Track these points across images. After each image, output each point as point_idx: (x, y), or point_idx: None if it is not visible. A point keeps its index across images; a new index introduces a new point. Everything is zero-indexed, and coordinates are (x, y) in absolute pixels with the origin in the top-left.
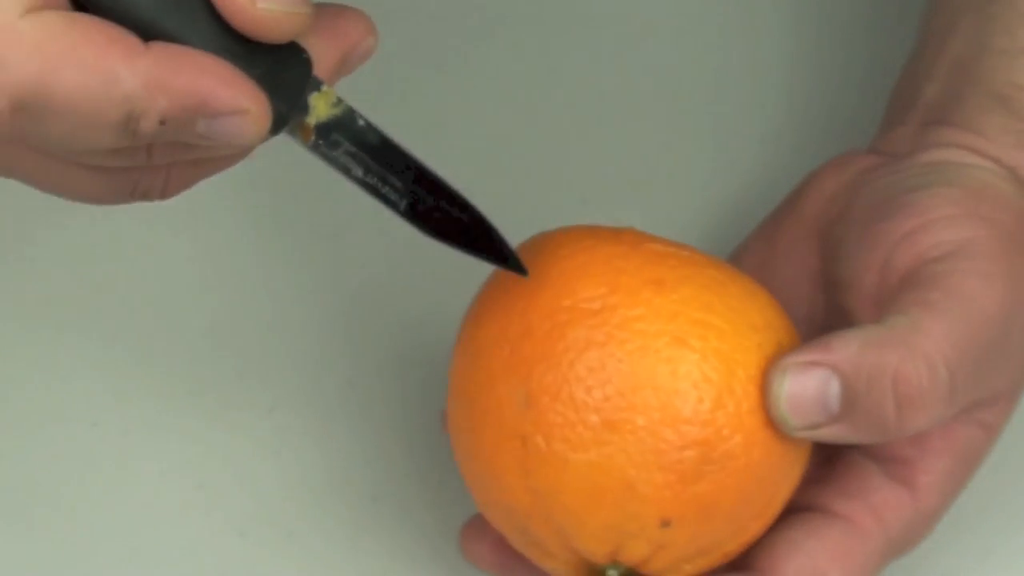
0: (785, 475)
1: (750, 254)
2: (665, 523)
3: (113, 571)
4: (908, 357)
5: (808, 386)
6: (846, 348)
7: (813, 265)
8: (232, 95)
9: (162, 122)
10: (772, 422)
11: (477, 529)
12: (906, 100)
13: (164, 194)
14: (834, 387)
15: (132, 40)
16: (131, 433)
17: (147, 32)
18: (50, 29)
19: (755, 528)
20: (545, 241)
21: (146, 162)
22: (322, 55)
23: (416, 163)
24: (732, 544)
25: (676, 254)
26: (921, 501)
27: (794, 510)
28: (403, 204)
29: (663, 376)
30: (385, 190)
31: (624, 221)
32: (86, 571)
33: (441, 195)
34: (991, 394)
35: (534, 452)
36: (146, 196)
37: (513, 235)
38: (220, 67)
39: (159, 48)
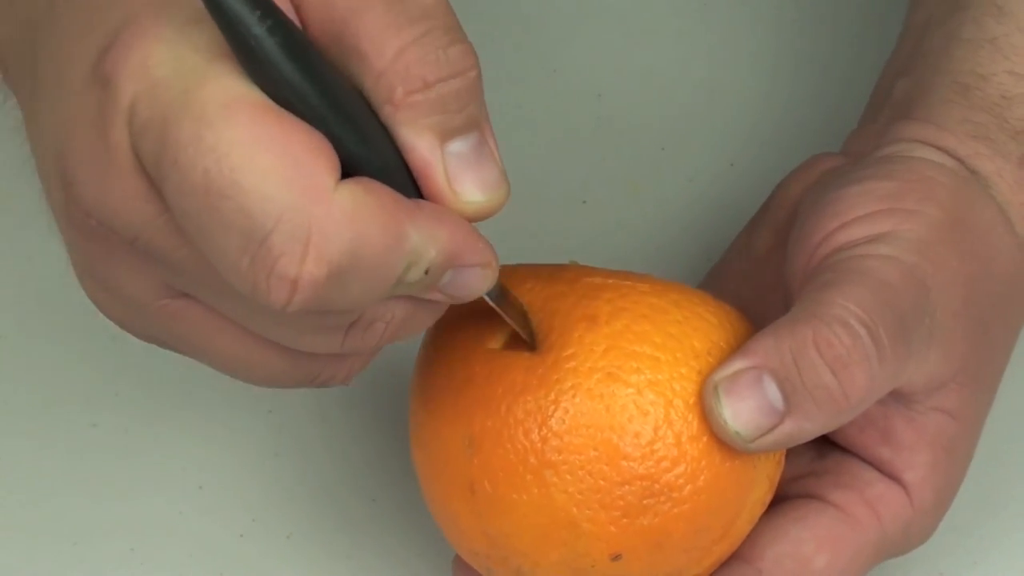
0: (744, 496)
1: (732, 264)
2: (615, 557)
3: (113, 571)
4: (820, 324)
5: (745, 395)
6: (762, 344)
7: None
8: (482, 248)
9: (426, 272)
10: (725, 444)
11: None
12: (880, 98)
13: (345, 380)
14: (769, 385)
15: (406, 199)
16: (131, 433)
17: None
18: (356, 198)
19: (719, 550)
20: None
21: (339, 349)
22: None
23: None
24: (697, 568)
25: (615, 286)
26: (915, 497)
27: (787, 498)
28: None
29: (597, 414)
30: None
31: (624, 221)
32: (86, 571)
33: None
34: (932, 377)
35: (483, 497)
36: (326, 383)
37: (515, 236)
38: (465, 222)
39: (427, 204)
